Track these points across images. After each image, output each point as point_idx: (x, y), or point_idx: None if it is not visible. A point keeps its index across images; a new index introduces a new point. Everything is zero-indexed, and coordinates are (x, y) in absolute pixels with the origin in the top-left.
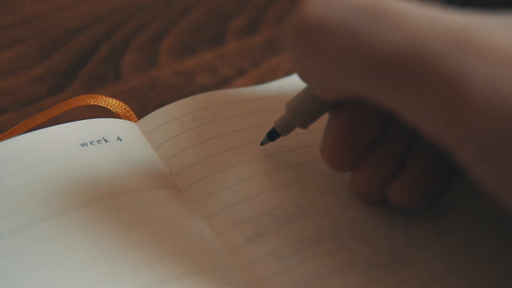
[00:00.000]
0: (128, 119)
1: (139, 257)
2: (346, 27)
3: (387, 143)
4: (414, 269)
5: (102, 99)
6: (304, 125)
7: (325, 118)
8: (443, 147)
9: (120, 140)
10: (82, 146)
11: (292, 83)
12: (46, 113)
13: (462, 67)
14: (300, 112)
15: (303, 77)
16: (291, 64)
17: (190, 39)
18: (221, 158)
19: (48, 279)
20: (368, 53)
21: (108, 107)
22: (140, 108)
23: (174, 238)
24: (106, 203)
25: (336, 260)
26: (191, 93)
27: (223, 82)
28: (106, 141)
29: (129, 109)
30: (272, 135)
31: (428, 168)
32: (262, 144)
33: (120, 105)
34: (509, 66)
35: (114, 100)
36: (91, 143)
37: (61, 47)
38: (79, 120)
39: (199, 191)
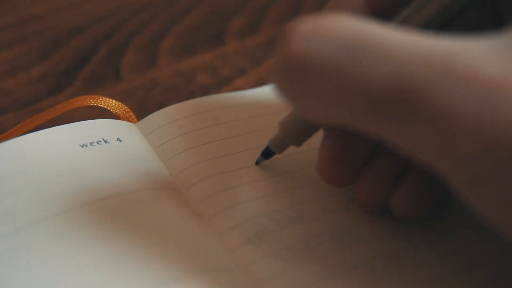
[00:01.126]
0: (128, 120)
1: (139, 258)
2: (332, 63)
3: (384, 154)
4: (414, 272)
5: (102, 100)
6: (298, 144)
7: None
8: (436, 174)
9: (120, 141)
10: (82, 147)
11: None
12: (46, 114)
13: (449, 97)
14: (293, 130)
15: (293, 108)
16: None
17: (190, 39)
18: (220, 161)
19: (48, 280)
20: (354, 88)
21: (108, 108)
22: (140, 108)
23: (173, 239)
24: (106, 204)
25: (335, 262)
26: (191, 93)
27: (223, 82)
28: (106, 142)
29: (128, 110)
30: (267, 153)
31: (429, 177)
32: (257, 163)
33: (120, 106)
34: (493, 93)
35: (114, 101)
36: (91, 144)
37: (61, 47)
38: (79, 120)
39: (199, 192)
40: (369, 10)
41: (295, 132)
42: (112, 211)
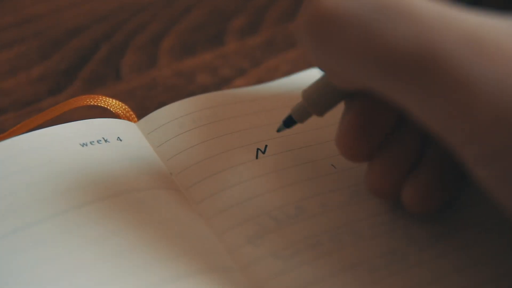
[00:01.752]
0: (128, 119)
1: (139, 257)
2: (358, 21)
3: (402, 138)
4: (414, 270)
5: (102, 100)
6: (320, 113)
7: (331, 113)
8: (448, 146)
9: (120, 140)
10: (82, 146)
11: (292, 83)
12: (46, 113)
13: (471, 67)
14: (316, 100)
15: (317, 65)
16: (306, 57)
17: (190, 39)
18: (221, 158)
19: (48, 279)
20: (378, 48)
21: (108, 107)
22: (140, 108)
23: (174, 238)
24: (106, 203)
25: (336, 260)
26: (191, 93)
27: (223, 82)
28: (106, 141)
29: (129, 109)
30: (289, 122)
31: (443, 171)
32: (278, 130)
33: (120, 105)
34: None
35: (114, 101)
36: (91, 143)
37: (61, 47)
38: (79, 120)
39: (199, 191)
40: None
41: (318, 101)
42: (112, 211)
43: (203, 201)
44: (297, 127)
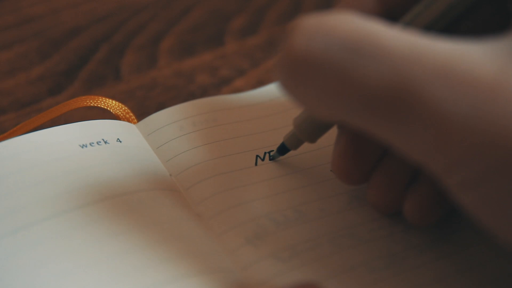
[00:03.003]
0: (128, 120)
1: (138, 259)
2: (330, 61)
3: (397, 155)
4: (413, 273)
5: (102, 101)
6: (312, 140)
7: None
8: (431, 174)
9: (120, 141)
10: (82, 147)
11: None
12: (46, 114)
13: (444, 99)
14: (307, 127)
15: (296, 104)
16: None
17: (189, 39)
18: (221, 162)
19: (47, 279)
20: (352, 87)
21: (108, 108)
22: (140, 108)
23: (173, 239)
24: (106, 204)
25: (335, 262)
26: (191, 93)
27: (223, 83)
28: (105, 142)
29: (128, 110)
30: (282, 150)
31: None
32: (272, 159)
33: (120, 106)
34: (490, 95)
35: (113, 102)
36: (90, 144)
37: (61, 47)
38: (78, 121)
39: (199, 192)
40: (380, 10)
41: (308, 129)
42: (111, 212)
43: (203, 202)
44: None
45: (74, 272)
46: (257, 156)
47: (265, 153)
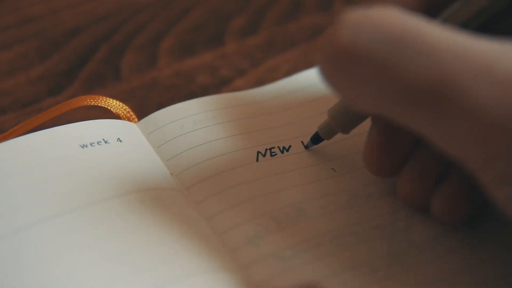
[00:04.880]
0: (129, 119)
1: (139, 259)
2: (374, 55)
3: (428, 149)
4: (414, 271)
5: (102, 100)
6: (345, 131)
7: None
8: (467, 170)
9: (120, 141)
10: (82, 147)
11: (293, 84)
12: (46, 114)
13: (484, 96)
14: (341, 118)
15: (337, 95)
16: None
17: (189, 39)
18: (221, 160)
19: (47, 281)
20: (395, 81)
21: (109, 107)
22: (140, 108)
23: (174, 239)
24: (106, 204)
25: (336, 261)
26: (191, 93)
27: (223, 83)
28: (106, 142)
29: (129, 110)
30: (316, 139)
31: (471, 181)
32: (306, 147)
33: (120, 105)
34: None
35: (114, 101)
36: (91, 144)
37: (61, 47)
38: (79, 120)
39: (200, 191)
40: (419, 6)
41: (342, 119)
42: (112, 212)
43: (203, 201)
44: None
45: (75, 273)
46: (258, 152)
47: (266, 149)
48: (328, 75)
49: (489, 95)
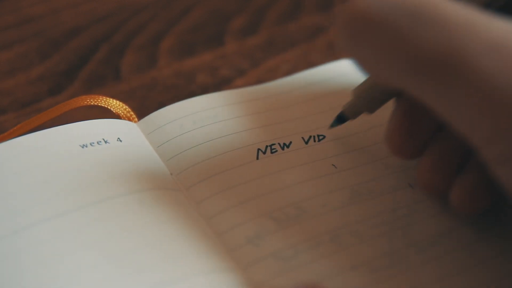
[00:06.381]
0: (129, 119)
1: (139, 259)
2: (390, 23)
3: (451, 134)
4: (415, 271)
5: (103, 100)
6: (371, 110)
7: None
8: (471, 145)
9: (120, 141)
10: (82, 147)
11: (292, 83)
12: (46, 114)
13: (495, 72)
14: (367, 97)
15: (354, 61)
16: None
17: (189, 39)
18: (221, 159)
19: (48, 281)
20: (408, 50)
21: (109, 107)
22: (140, 108)
23: (174, 239)
24: (106, 204)
25: (336, 261)
26: (191, 93)
27: (223, 83)
28: (106, 142)
29: (129, 109)
30: (341, 118)
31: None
32: (331, 126)
33: (121, 105)
34: None
35: (114, 101)
36: (91, 144)
37: (61, 47)
38: (79, 120)
39: (200, 191)
40: None
41: (368, 99)
42: (112, 212)
43: (204, 201)
44: None
45: (76, 273)
46: (258, 149)
47: (266, 146)
48: (345, 40)
49: (497, 70)
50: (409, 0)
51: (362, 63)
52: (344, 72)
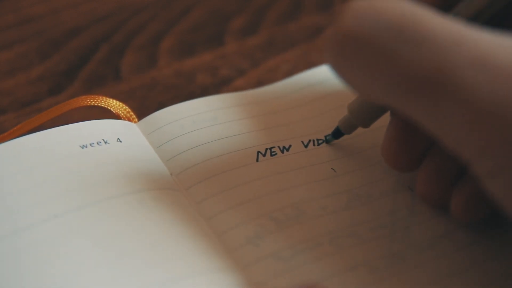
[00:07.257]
0: (129, 119)
1: (139, 259)
2: (376, 40)
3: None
4: (414, 271)
5: (102, 100)
6: (365, 125)
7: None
8: (461, 160)
9: (120, 141)
10: (82, 148)
11: (293, 85)
12: (46, 114)
13: (480, 88)
14: (361, 112)
15: (341, 80)
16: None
17: (190, 39)
18: (221, 160)
19: (48, 281)
20: (394, 68)
21: (109, 107)
22: (140, 108)
23: (174, 239)
24: (107, 204)
25: (336, 262)
26: (191, 93)
27: (223, 83)
28: (106, 142)
29: (129, 110)
30: (337, 133)
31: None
32: (327, 142)
33: (120, 105)
34: None
35: (114, 101)
36: (91, 144)
37: (61, 47)
38: (79, 120)
39: (199, 192)
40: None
41: (362, 114)
42: (112, 212)
43: (203, 202)
44: None
45: (76, 273)
46: (258, 152)
47: (266, 149)
48: (333, 61)
49: (483, 84)
50: (394, 18)
51: (350, 82)
52: None
